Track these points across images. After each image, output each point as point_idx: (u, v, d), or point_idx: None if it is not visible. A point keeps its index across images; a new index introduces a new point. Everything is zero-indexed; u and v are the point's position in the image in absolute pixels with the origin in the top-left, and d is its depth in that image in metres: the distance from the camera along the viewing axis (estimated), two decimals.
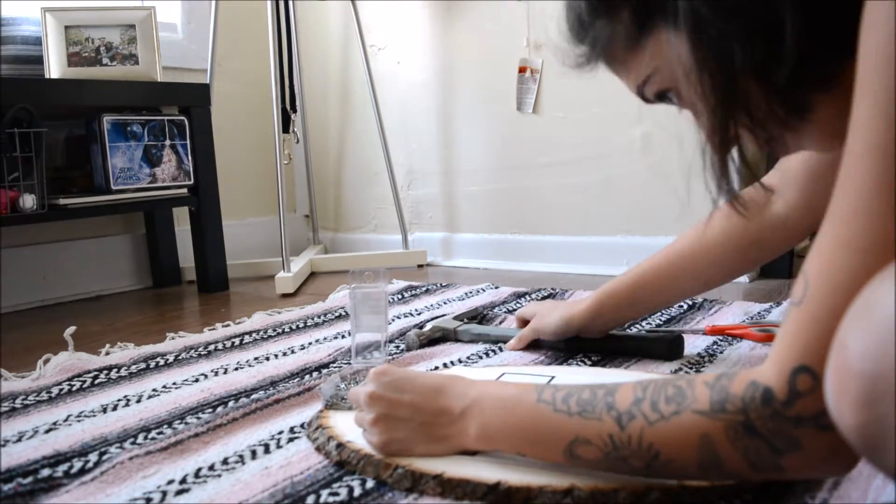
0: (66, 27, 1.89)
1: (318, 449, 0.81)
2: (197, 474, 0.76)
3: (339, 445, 0.77)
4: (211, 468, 0.78)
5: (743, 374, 0.53)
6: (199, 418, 0.93)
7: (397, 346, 1.26)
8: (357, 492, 0.70)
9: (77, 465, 0.80)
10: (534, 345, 1.20)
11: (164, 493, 0.72)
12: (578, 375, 1.02)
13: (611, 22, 0.64)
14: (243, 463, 0.79)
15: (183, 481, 0.75)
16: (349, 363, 1.15)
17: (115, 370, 1.18)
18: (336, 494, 0.70)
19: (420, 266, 2.29)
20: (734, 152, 0.62)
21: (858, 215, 0.47)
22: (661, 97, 0.67)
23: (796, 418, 0.49)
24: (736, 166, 0.62)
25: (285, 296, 1.89)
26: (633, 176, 1.98)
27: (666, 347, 1.10)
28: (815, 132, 0.60)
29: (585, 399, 0.61)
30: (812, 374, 0.48)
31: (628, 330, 1.28)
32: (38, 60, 1.89)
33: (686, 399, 0.55)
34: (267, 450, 0.82)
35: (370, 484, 0.71)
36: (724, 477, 0.56)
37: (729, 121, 0.59)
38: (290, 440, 0.85)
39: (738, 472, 0.54)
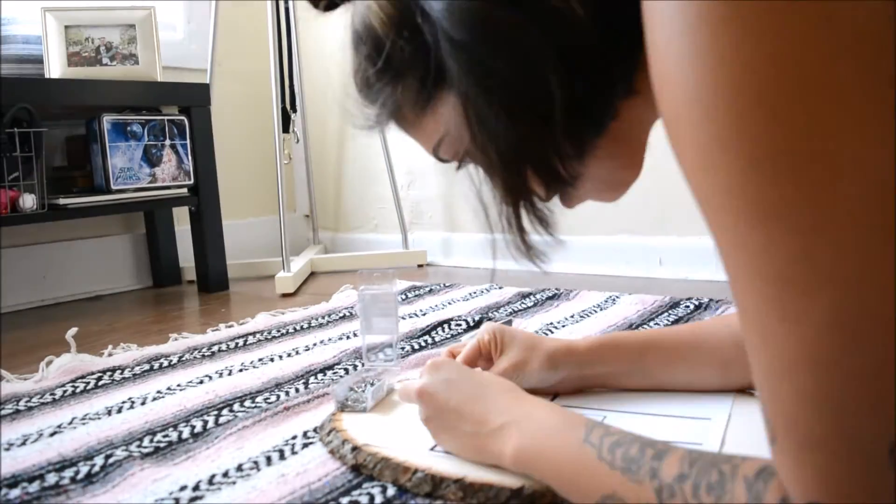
0: (66, 27, 1.87)
1: (332, 452, 0.79)
2: (211, 481, 0.74)
3: (355, 448, 0.75)
4: (225, 475, 0.76)
5: (777, 482, 0.50)
6: (205, 421, 0.92)
7: (402, 349, 1.24)
8: (378, 500, 0.68)
9: (83, 469, 0.79)
10: None
11: (177, 500, 0.70)
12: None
13: (398, 85, 0.61)
14: (258, 469, 0.77)
15: (196, 488, 0.73)
16: (356, 366, 1.13)
17: (119, 371, 1.16)
18: (356, 503, 0.68)
19: (420, 266, 2.28)
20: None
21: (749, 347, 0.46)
22: (460, 160, 0.66)
23: None
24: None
25: (285, 296, 1.88)
26: None
27: None
28: (594, 180, 0.64)
29: (632, 456, 0.58)
30: None
31: None
32: (39, 60, 1.87)
33: (725, 494, 0.53)
34: (282, 455, 0.80)
35: (391, 492, 0.69)
36: None
37: (515, 180, 0.60)
38: (305, 446, 0.83)
39: None
